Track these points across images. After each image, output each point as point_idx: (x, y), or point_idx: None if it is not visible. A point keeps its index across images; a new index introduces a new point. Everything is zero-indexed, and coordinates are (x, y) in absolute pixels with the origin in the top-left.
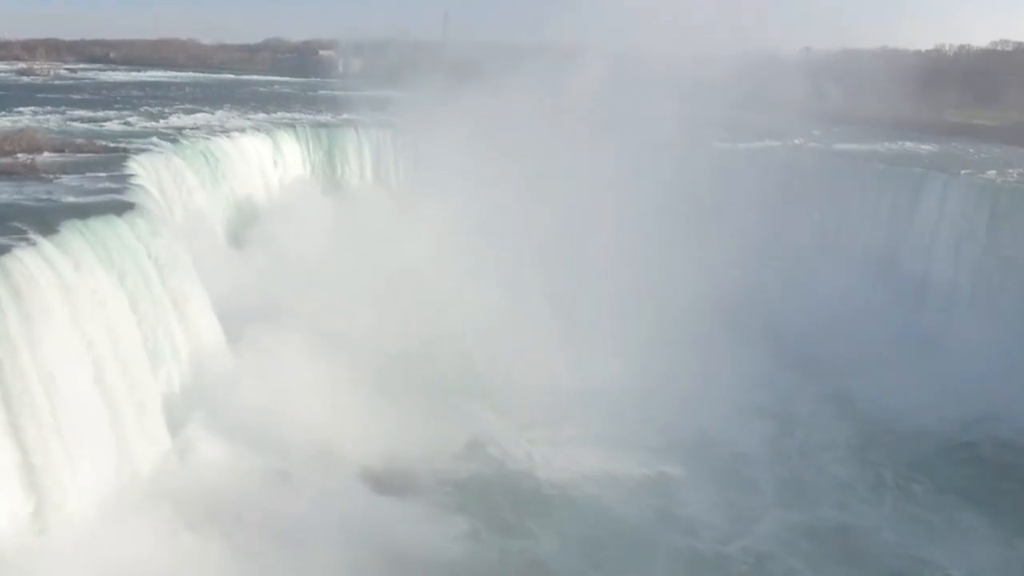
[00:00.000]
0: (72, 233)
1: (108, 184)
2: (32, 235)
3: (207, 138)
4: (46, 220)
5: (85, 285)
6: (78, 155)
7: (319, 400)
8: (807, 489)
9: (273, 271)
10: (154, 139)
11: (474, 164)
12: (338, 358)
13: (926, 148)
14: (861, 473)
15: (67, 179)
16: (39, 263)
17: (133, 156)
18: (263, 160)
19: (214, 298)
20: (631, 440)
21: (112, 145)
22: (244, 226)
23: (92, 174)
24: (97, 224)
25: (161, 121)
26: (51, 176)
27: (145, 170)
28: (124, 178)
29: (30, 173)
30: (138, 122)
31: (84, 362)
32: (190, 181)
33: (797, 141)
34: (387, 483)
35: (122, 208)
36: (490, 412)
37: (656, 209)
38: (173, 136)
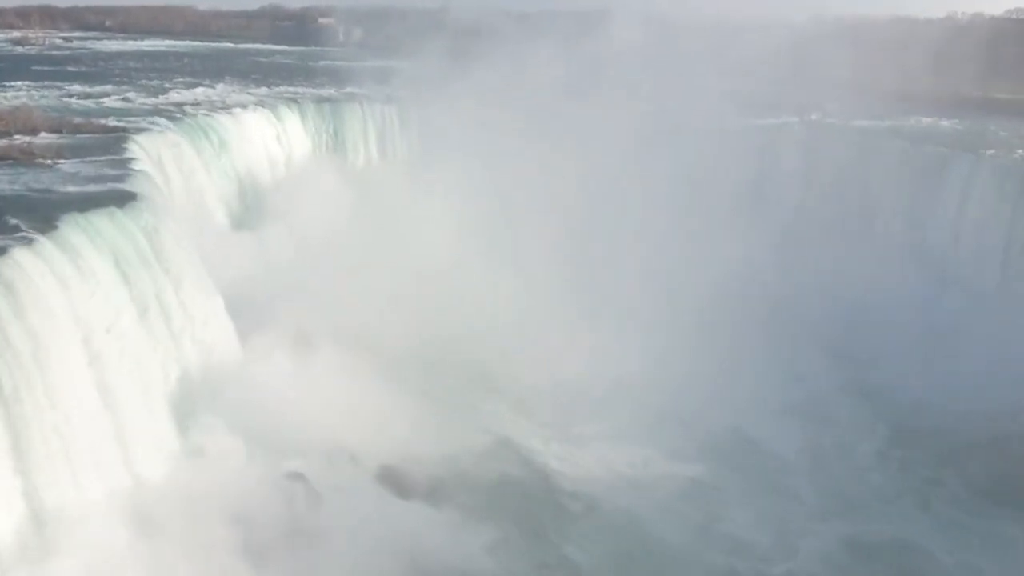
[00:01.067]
0: (72, 228)
1: (108, 170)
2: (30, 232)
3: (209, 115)
4: (44, 214)
5: (86, 284)
6: (76, 136)
7: (331, 394)
8: (847, 497)
9: (280, 257)
10: (154, 117)
11: (483, 140)
12: (348, 348)
13: (946, 124)
14: (899, 477)
15: (66, 165)
16: (37, 264)
17: (133, 137)
18: (266, 139)
19: (221, 286)
20: (660, 441)
21: (111, 124)
22: (249, 209)
23: (91, 158)
24: (98, 217)
25: (160, 97)
26: (49, 161)
27: (146, 152)
28: (124, 162)
29: (27, 158)
30: (137, 98)
31: (87, 364)
32: (193, 163)
33: (814, 116)
34: (408, 485)
35: (124, 198)
36: (509, 409)
37: (677, 191)
38: (174, 113)
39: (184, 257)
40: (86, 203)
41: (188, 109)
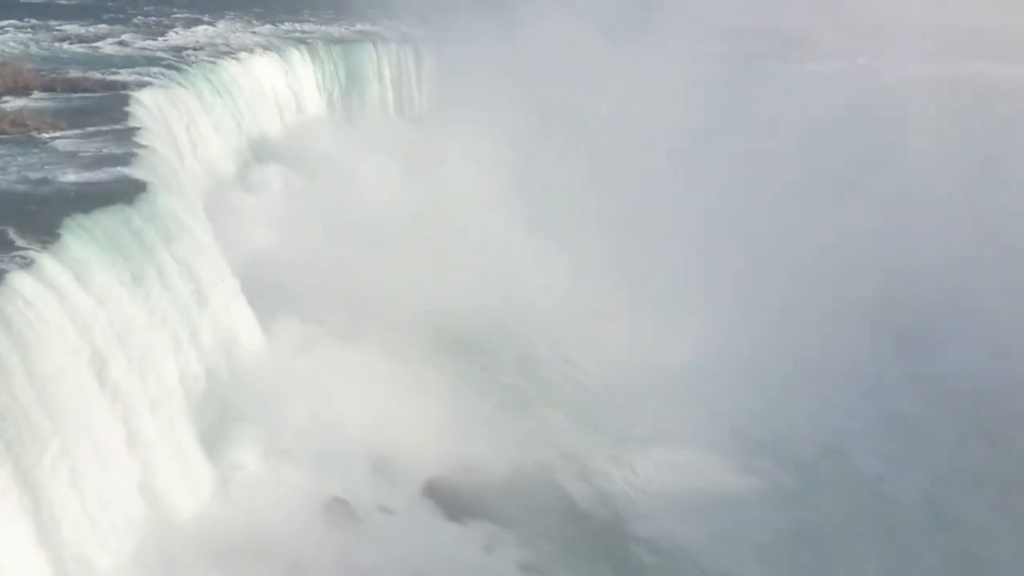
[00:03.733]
0: (76, 237)
1: (112, 147)
2: (31, 247)
3: (213, 62)
4: (45, 218)
5: (97, 305)
6: (72, 96)
7: (365, 391)
8: (971, 554)
9: (298, 227)
10: (155, 67)
11: (510, 84)
12: (375, 333)
13: (1008, 69)
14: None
15: (64, 140)
16: (40, 291)
17: (135, 95)
18: (277, 89)
19: (237, 266)
20: (745, 463)
21: (110, 78)
22: (261, 172)
23: (92, 128)
24: (105, 219)
25: (159, 39)
26: (45, 135)
27: (151, 114)
28: (129, 134)
29: (19, 131)
30: (134, 40)
31: (102, 397)
32: (201, 123)
33: (861, 61)
34: (459, 505)
35: (132, 189)
36: (561, 411)
37: (741, 154)
38: (176, 61)
39: (201, 250)
40: (91, 199)
41: (190, 55)
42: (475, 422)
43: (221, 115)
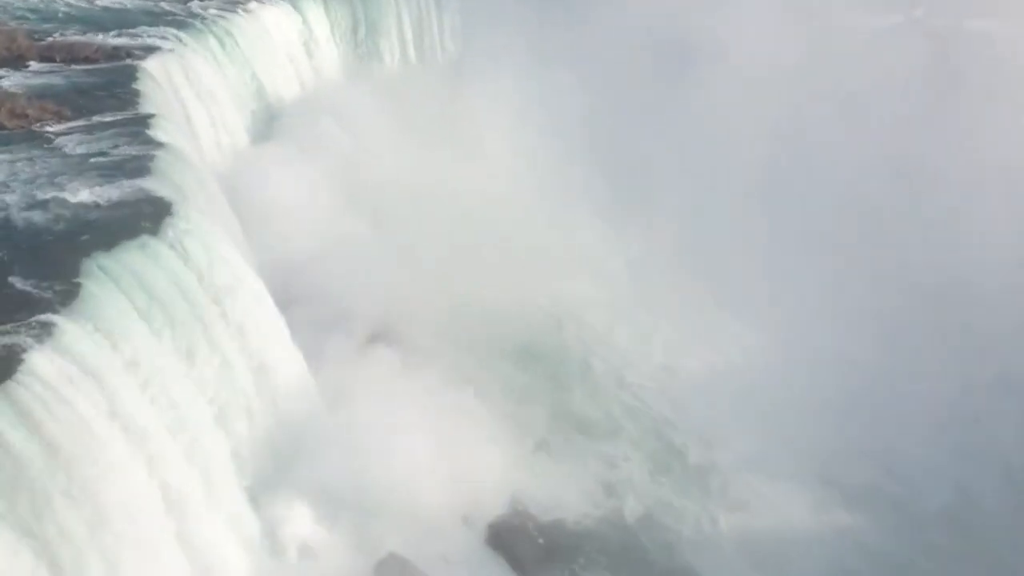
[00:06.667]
0: (99, 286)
1: (126, 146)
2: (41, 308)
3: (222, 16)
4: (56, 259)
5: (124, 363)
6: (74, 68)
7: (418, 430)
8: None
9: (329, 217)
10: (159, 26)
11: (543, 26)
12: (425, 355)
13: None
14: None
15: (69, 139)
16: (59, 366)
17: (143, 65)
18: (291, 45)
19: (264, 270)
20: (839, 516)
21: (113, 43)
22: (278, 145)
23: (100, 118)
24: (128, 258)
25: None
26: (48, 130)
27: (163, 92)
28: (142, 124)
29: (19, 124)
30: None
31: (132, 463)
32: (218, 95)
33: (918, 13)
34: (530, 558)
35: (157, 212)
36: (636, 448)
37: (816, 121)
38: (180, 15)
39: (238, 276)
40: (110, 229)
41: (196, 7)
42: (538, 457)
43: (236, 81)
